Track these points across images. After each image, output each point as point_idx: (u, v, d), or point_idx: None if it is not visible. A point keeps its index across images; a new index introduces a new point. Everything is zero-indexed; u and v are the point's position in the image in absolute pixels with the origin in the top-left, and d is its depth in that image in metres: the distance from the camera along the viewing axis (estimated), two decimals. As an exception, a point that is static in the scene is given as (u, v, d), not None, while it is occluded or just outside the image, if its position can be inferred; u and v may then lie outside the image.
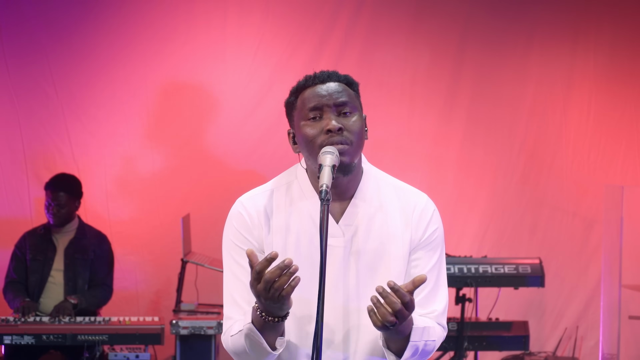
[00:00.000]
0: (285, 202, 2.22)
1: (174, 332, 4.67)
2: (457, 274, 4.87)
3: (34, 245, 5.03)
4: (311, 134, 2.13)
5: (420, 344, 2.12)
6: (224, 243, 2.24)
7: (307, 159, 2.19)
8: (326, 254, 1.97)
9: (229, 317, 2.20)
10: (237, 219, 2.21)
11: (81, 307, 4.83)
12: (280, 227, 2.19)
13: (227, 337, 2.18)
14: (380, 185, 2.25)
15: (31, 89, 5.66)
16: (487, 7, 5.97)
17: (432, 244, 2.23)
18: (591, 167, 6.01)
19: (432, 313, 2.21)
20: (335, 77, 2.18)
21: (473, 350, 5.05)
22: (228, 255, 2.22)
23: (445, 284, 2.27)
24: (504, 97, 5.98)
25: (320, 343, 1.96)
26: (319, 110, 2.14)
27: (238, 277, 2.19)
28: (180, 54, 5.75)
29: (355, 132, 2.14)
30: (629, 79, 6.05)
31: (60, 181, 5.05)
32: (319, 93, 2.15)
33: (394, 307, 1.97)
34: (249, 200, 2.23)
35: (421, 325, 2.11)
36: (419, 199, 2.26)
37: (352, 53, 5.81)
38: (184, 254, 5.04)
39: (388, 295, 1.97)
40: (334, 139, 2.11)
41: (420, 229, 2.22)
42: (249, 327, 2.08)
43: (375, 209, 2.21)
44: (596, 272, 5.83)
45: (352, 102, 2.17)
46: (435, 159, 5.93)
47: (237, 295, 2.18)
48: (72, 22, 5.69)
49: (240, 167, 5.74)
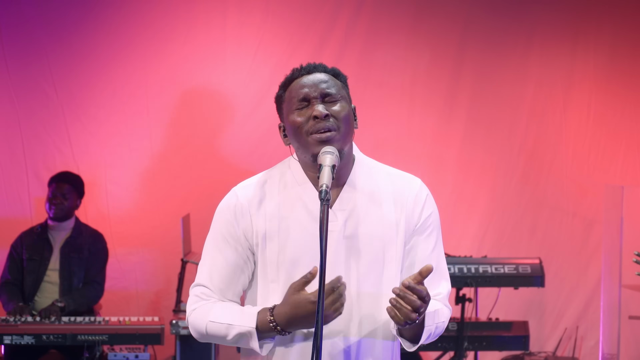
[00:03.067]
0: (279, 188, 2.25)
1: (174, 332, 4.66)
2: (457, 274, 4.87)
3: (30, 245, 5.03)
4: (298, 122, 2.17)
5: (432, 327, 2.19)
6: (212, 228, 2.28)
7: (297, 149, 2.22)
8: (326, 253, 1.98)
9: (197, 295, 2.26)
10: (228, 209, 2.25)
11: (69, 309, 4.81)
12: (272, 213, 2.22)
13: (195, 312, 2.25)
14: (373, 172, 2.28)
15: (31, 89, 5.66)
16: (487, 7, 5.97)
17: (428, 229, 2.27)
18: (591, 167, 6.01)
19: (438, 296, 2.26)
20: (322, 67, 2.23)
21: (473, 350, 5.05)
22: (214, 242, 2.26)
23: (446, 266, 2.33)
24: (504, 97, 5.97)
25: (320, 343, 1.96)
26: (306, 101, 2.18)
27: (217, 263, 2.24)
28: (180, 54, 5.75)
29: (342, 118, 2.17)
30: (629, 79, 6.05)
31: (66, 175, 5.14)
32: (305, 84, 2.19)
33: (415, 305, 2.02)
34: (242, 190, 2.27)
35: (432, 309, 2.16)
36: (412, 184, 2.29)
37: (352, 53, 5.81)
38: (184, 254, 5.04)
39: (406, 295, 2.02)
40: (321, 125, 2.14)
41: (415, 214, 2.25)
42: (251, 332, 2.12)
43: (369, 194, 2.24)
44: (596, 272, 5.83)
45: (339, 91, 2.20)
46: (435, 159, 5.93)
47: (212, 279, 2.25)
48: (72, 22, 5.69)
49: (241, 166, 5.74)
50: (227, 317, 2.17)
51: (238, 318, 2.15)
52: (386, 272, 2.20)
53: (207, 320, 2.20)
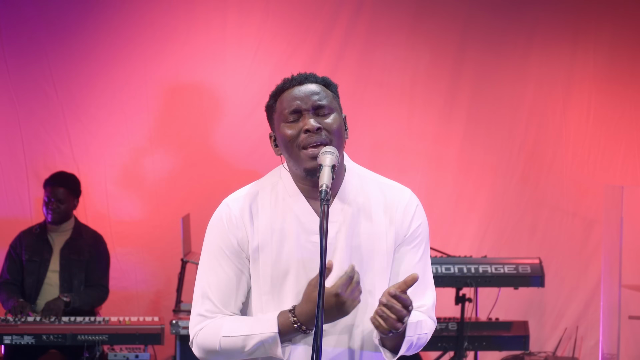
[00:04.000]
0: (270, 201, 2.24)
1: (174, 332, 4.66)
2: (457, 274, 4.87)
3: (29, 246, 5.01)
4: (290, 135, 2.16)
5: (414, 338, 2.17)
6: (205, 242, 2.26)
7: (287, 160, 2.22)
8: (326, 253, 1.98)
9: (201, 314, 2.21)
10: (222, 221, 2.23)
11: (74, 305, 4.82)
12: (265, 226, 2.21)
13: (203, 332, 2.18)
14: (364, 182, 2.28)
15: (31, 89, 5.66)
16: (487, 7, 5.97)
17: (416, 240, 2.27)
18: (591, 167, 6.01)
19: (421, 307, 2.26)
20: (313, 78, 2.21)
21: (473, 350, 5.05)
22: (210, 255, 2.24)
23: (432, 278, 2.32)
24: (504, 97, 5.98)
25: (320, 343, 1.97)
26: (298, 113, 2.17)
27: (216, 277, 2.21)
28: (180, 54, 5.75)
29: (334, 131, 2.16)
30: (629, 79, 6.05)
31: (59, 178, 5.08)
32: (296, 95, 2.17)
33: (400, 315, 2.03)
34: (234, 202, 2.25)
35: (414, 320, 2.16)
36: (402, 194, 2.29)
37: (352, 53, 5.81)
38: (184, 254, 5.04)
39: (393, 305, 2.02)
40: (313, 139, 2.14)
41: (404, 224, 2.25)
42: (273, 337, 2.10)
43: (359, 206, 2.23)
44: (596, 272, 5.83)
45: (330, 103, 2.19)
46: (435, 159, 5.93)
47: (212, 294, 2.20)
48: (72, 22, 5.69)
49: (241, 167, 5.74)
50: (242, 328, 2.15)
51: (255, 327, 2.13)
52: (377, 283, 2.20)
53: (220, 336, 2.16)
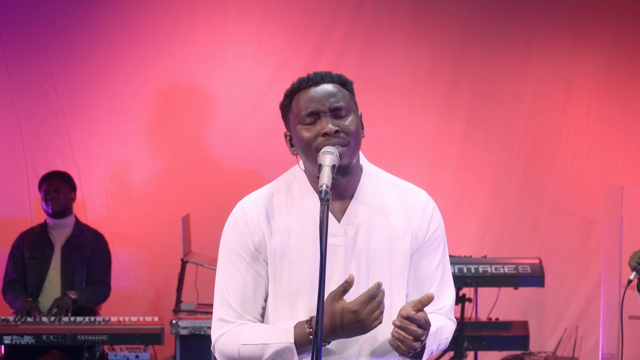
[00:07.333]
0: (286, 203, 2.22)
1: (174, 332, 4.66)
2: (457, 274, 4.87)
3: (31, 244, 5.03)
4: (307, 137, 2.14)
5: (435, 345, 2.21)
6: (222, 245, 2.24)
7: (304, 161, 2.20)
8: (326, 253, 1.97)
9: (222, 319, 2.20)
10: (238, 224, 2.21)
11: (81, 302, 4.83)
12: (281, 229, 2.19)
13: (224, 338, 2.18)
14: (380, 183, 2.26)
15: (31, 89, 5.66)
16: (487, 7, 5.97)
17: (435, 243, 2.26)
18: (591, 167, 6.01)
19: (442, 309, 2.28)
20: (329, 78, 2.17)
21: (473, 350, 5.05)
22: (227, 259, 2.22)
23: (451, 279, 2.33)
24: (504, 97, 5.98)
25: (320, 343, 1.96)
26: (315, 115, 2.14)
27: (235, 281, 2.19)
28: (180, 54, 5.75)
29: (352, 132, 2.14)
30: (629, 79, 6.05)
31: (53, 172, 5.17)
32: (313, 97, 2.14)
33: (416, 335, 2.04)
34: (249, 205, 2.23)
35: (434, 328, 2.16)
36: (419, 196, 2.27)
37: (352, 53, 5.81)
38: (184, 254, 5.04)
39: (407, 327, 2.03)
40: (332, 142, 2.11)
41: (422, 228, 2.24)
42: (289, 347, 2.09)
43: (376, 207, 2.22)
44: (596, 272, 5.82)
45: (347, 104, 2.16)
46: (435, 159, 5.93)
47: (232, 299, 2.19)
48: (72, 22, 5.69)
49: (240, 167, 5.74)
50: (261, 337, 2.13)
51: (273, 336, 2.12)
52: (394, 285, 2.20)
53: (239, 344, 2.15)
